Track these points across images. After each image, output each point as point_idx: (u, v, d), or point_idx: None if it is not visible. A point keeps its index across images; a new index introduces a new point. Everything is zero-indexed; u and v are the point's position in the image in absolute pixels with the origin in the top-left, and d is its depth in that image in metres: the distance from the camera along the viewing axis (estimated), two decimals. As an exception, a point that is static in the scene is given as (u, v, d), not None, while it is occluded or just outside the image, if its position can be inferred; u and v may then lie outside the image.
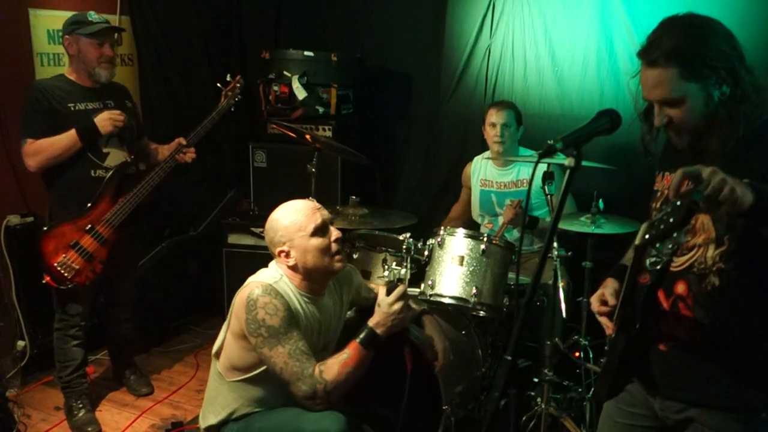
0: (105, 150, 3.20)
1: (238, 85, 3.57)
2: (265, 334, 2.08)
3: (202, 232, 4.53)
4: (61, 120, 3.06)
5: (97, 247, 3.14)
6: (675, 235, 1.36)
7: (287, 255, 2.22)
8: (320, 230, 2.22)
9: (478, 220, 3.78)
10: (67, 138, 3.04)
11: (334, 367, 2.10)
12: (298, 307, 2.21)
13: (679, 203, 1.34)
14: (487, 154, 3.72)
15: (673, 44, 1.56)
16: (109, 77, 3.21)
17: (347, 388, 2.13)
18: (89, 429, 3.26)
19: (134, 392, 3.63)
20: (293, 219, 2.21)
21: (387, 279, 3.03)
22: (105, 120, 3.09)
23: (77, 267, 3.10)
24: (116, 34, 3.40)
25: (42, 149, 3.03)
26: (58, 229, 3.10)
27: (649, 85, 1.63)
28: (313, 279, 2.27)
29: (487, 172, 3.72)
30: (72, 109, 3.11)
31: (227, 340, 2.24)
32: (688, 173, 1.36)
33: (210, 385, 2.35)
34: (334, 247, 2.24)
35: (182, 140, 3.40)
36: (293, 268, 2.23)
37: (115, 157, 3.23)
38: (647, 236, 1.41)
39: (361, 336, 2.15)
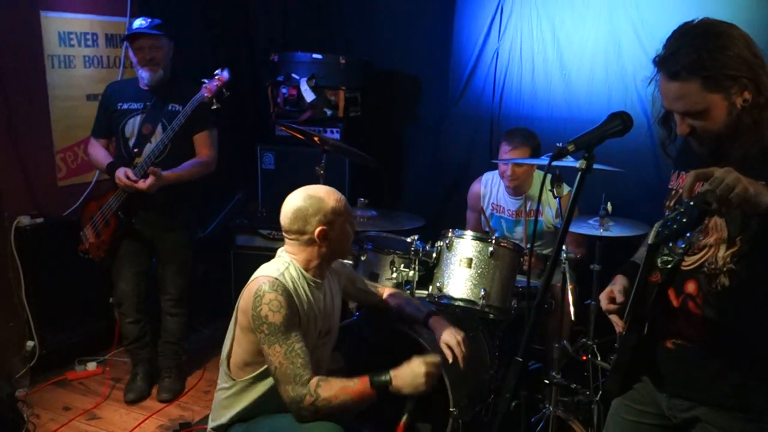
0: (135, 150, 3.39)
1: (218, 75, 3.38)
2: (266, 331, 2.11)
3: (210, 234, 4.54)
4: (109, 117, 3.43)
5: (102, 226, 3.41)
6: (688, 234, 1.36)
7: (325, 236, 2.22)
8: (354, 220, 2.35)
9: None
10: (100, 165, 3.48)
11: (335, 386, 2.09)
12: (303, 294, 2.22)
13: (692, 203, 1.34)
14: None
15: (694, 57, 1.54)
16: (153, 78, 3.34)
17: (335, 412, 2.10)
18: (127, 396, 3.56)
19: (157, 396, 3.62)
20: (339, 203, 2.27)
21: (394, 281, 3.04)
22: (120, 177, 3.24)
23: (92, 240, 3.42)
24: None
25: (89, 154, 3.57)
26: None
27: (671, 97, 1.61)
28: (328, 262, 2.34)
29: (500, 198, 3.62)
30: (118, 108, 3.40)
31: (237, 336, 2.26)
32: (701, 174, 1.36)
33: (219, 389, 2.35)
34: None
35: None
36: (318, 250, 2.25)
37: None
38: (660, 235, 1.41)
39: (376, 378, 2.13)
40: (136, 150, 3.36)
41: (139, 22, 3.33)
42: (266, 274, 2.21)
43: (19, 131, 3.63)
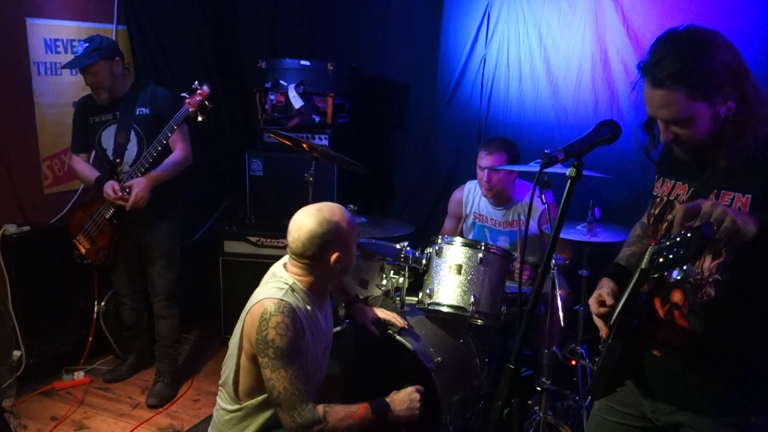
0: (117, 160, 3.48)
1: (199, 90, 3.38)
2: (271, 355, 2.06)
3: (199, 241, 4.52)
4: (84, 132, 3.53)
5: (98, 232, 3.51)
6: (685, 267, 1.37)
7: (340, 261, 2.18)
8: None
9: None
10: (87, 181, 3.56)
11: (340, 412, 2.13)
12: (307, 314, 2.18)
13: (690, 235, 1.35)
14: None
15: (679, 65, 1.54)
16: (101, 100, 3.45)
17: None
18: (105, 376, 3.86)
19: (146, 400, 3.61)
20: (351, 224, 2.22)
21: (384, 288, 3.04)
22: (109, 192, 3.30)
23: (87, 246, 3.52)
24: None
25: (74, 170, 3.62)
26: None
27: (655, 104, 1.62)
28: (334, 282, 2.34)
29: (482, 207, 3.62)
30: (91, 122, 3.50)
31: (244, 365, 2.18)
32: (690, 210, 1.38)
33: (222, 409, 2.27)
34: None
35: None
36: (329, 273, 2.22)
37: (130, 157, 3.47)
38: (654, 262, 1.42)
39: (376, 404, 2.21)
40: (117, 160, 3.45)
41: (77, 48, 3.36)
42: (269, 296, 2.13)
43: (4, 139, 3.61)
